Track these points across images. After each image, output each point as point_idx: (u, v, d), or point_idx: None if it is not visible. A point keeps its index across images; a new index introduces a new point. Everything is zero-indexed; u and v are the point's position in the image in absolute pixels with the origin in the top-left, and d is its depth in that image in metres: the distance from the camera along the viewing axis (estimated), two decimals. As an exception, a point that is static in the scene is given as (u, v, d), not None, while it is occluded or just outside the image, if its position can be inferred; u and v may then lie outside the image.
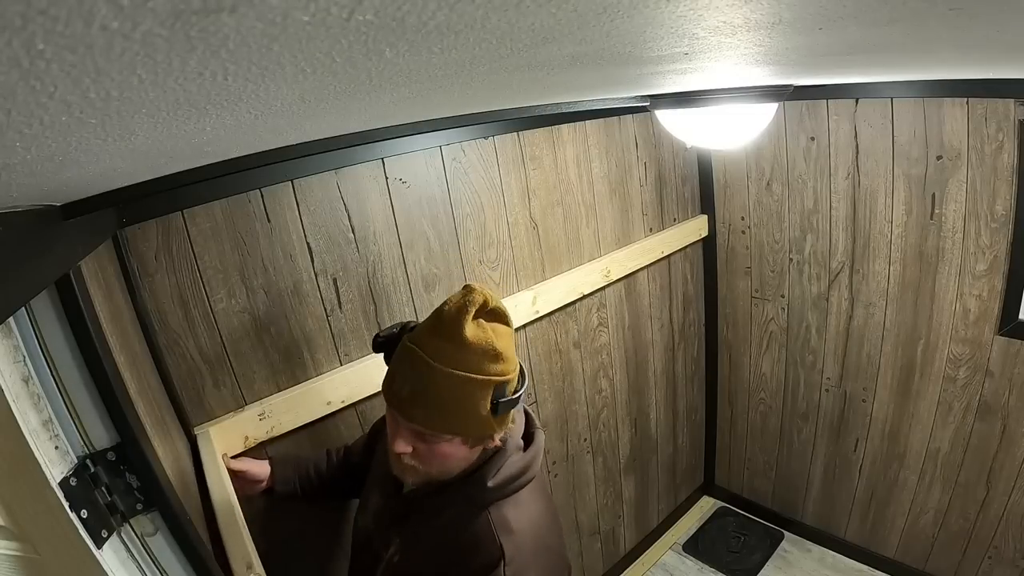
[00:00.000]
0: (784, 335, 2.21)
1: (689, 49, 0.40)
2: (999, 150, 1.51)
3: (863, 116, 1.74)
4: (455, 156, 1.45)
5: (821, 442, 2.23)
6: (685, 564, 2.36)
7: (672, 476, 2.50)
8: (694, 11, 0.26)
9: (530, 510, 0.95)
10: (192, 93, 0.24)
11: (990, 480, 1.79)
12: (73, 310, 0.60)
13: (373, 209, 1.33)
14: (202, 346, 1.14)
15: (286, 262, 1.22)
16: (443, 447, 0.88)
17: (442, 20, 0.21)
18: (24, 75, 0.17)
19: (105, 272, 0.87)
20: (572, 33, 0.28)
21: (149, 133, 0.32)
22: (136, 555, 0.65)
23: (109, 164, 0.42)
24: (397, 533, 0.99)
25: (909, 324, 1.85)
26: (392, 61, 0.27)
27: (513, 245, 1.62)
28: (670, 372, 2.33)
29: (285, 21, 0.17)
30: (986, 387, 1.73)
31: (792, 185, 1.98)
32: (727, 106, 1.01)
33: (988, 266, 1.62)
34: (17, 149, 0.27)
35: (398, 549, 0.98)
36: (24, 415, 0.54)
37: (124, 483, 0.65)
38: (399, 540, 0.99)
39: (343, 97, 0.37)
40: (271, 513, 1.27)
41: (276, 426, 1.24)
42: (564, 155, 1.70)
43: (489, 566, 0.87)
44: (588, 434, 2.04)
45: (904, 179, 1.71)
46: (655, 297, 2.16)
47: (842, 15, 0.30)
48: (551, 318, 1.78)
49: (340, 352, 1.33)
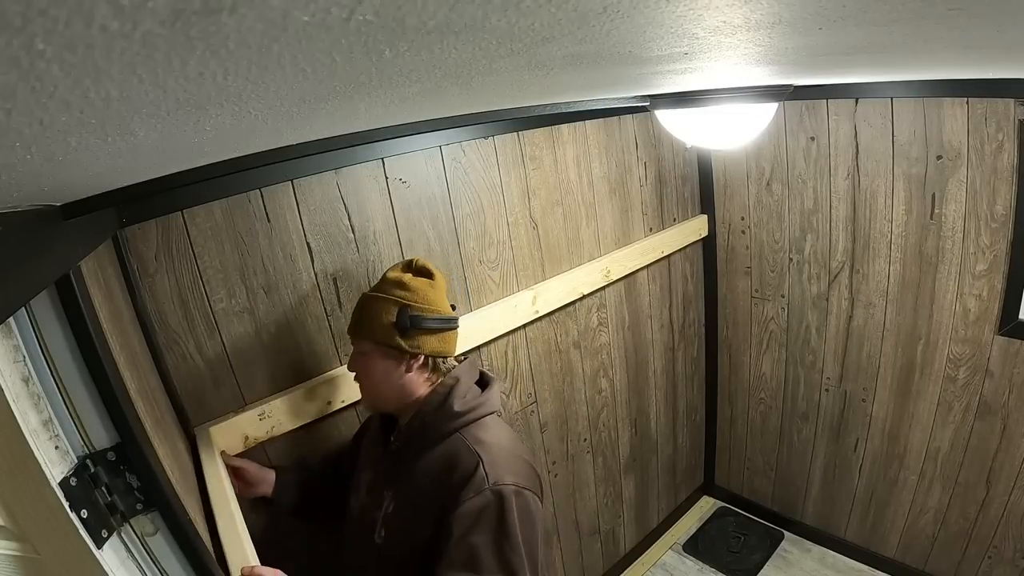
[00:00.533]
0: (784, 335, 2.21)
1: (689, 49, 0.40)
2: (999, 150, 1.51)
3: (863, 116, 1.74)
4: (455, 156, 1.45)
5: (821, 442, 2.23)
6: (685, 564, 2.36)
7: (672, 476, 2.50)
8: (694, 11, 0.26)
9: (498, 432, 1.11)
10: (192, 93, 0.24)
11: (990, 480, 1.79)
12: (73, 310, 0.60)
13: (373, 209, 1.33)
14: (202, 346, 1.14)
15: (286, 262, 1.22)
16: (367, 362, 1.10)
17: (442, 20, 0.21)
18: (24, 75, 0.17)
19: (105, 272, 0.87)
20: (572, 33, 0.28)
21: (149, 133, 0.32)
22: (136, 555, 0.65)
23: (109, 164, 0.42)
24: (388, 487, 1.11)
25: (909, 324, 1.85)
26: (392, 61, 0.27)
27: (513, 245, 1.62)
28: (670, 372, 2.33)
29: (285, 21, 0.17)
30: (986, 387, 1.73)
31: (792, 185, 1.98)
32: (727, 106, 1.01)
33: (988, 266, 1.62)
34: (17, 149, 0.27)
35: (391, 500, 1.10)
36: (24, 415, 0.54)
37: (124, 483, 0.65)
38: (391, 493, 1.10)
39: (343, 97, 0.37)
40: (272, 515, 1.27)
41: (276, 426, 1.24)
42: (564, 155, 1.70)
43: (469, 471, 1.01)
44: (588, 434, 2.04)
45: (904, 179, 1.71)
46: (655, 297, 2.16)
47: (842, 15, 0.30)
48: (551, 318, 1.78)
49: (340, 352, 1.33)
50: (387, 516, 1.09)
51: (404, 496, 1.08)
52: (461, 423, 1.08)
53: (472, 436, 1.07)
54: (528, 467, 1.09)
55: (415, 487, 1.07)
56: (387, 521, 1.09)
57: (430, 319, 1.08)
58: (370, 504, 1.14)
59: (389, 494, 1.11)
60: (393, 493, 1.10)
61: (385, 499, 1.11)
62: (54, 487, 0.54)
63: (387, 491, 1.11)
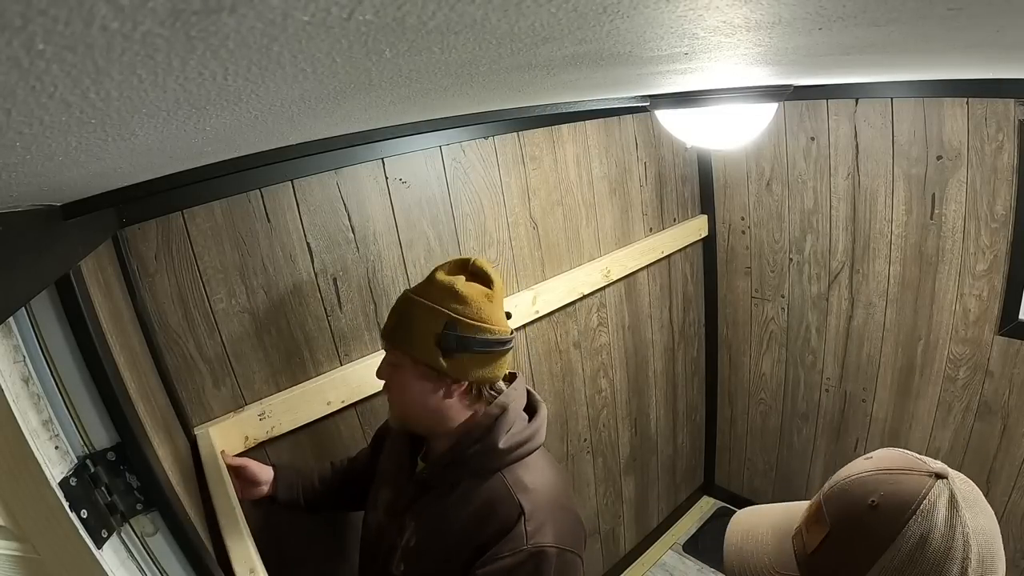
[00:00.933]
0: (784, 335, 2.21)
1: (689, 49, 0.40)
2: (999, 150, 1.51)
3: (863, 116, 1.74)
4: (455, 156, 1.45)
5: (821, 442, 2.23)
6: (685, 564, 2.36)
7: (672, 476, 2.50)
8: (694, 11, 0.26)
9: (543, 473, 0.98)
10: (192, 93, 0.24)
11: (990, 480, 1.79)
12: (73, 310, 0.60)
13: (373, 209, 1.33)
14: (202, 346, 1.14)
15: (286, 262, 1.22)
16: (400, 375, 0.96)
17: (442, 20, 0.21)
18: (24, 75, 0.17)
19: (105, 272, 0.87)
20: (572, 33, 0.28)
21: (149, 133, 0.32)
22: (136, 555, 0.65)
23: (109, 164, 0.42)
24: (412, 517, 1.00)
25: (909, 324, 1.85)
26: (392, 61, 0.27)
27: (513, 245, 1.62)
28: (670, 372, 2.33)
29: (285, 21, 0.17)
30: (986, 387, 1.73)
31: (792, 185, 1.98)
32: (727, 106, 1.01)
33: (988, 266, 1.62)
34: (17, 149, 0.27)
35: (413, 532, 0.99)
36: (24, 415, 0.54)
37: (124, 483, 0.65)
38: (414, 523, 0.99)
39: (343, 97, 0.37)
40: (273, 515, 1.27)
41: (276, 426, 1.24)
42: (564, 155, 1.70)
43: (509, 523, 0.89)
44: (588, 434, 2.04)
45: (904, 179, 1.71)
46: (655, 297, 2.16)
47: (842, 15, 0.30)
48: (551, 318, 1.78)
49: (340, 352, 1.33)
50: (407, 549, 0.99)
51: (429, 532, 0.98)
52: (504, 463, 0.95)
53: (515, 479, 0.94)
54: (574, 519, 0.97)
55: (443, 525, 0.96)
56: (407, 554, 0.98)
57: (481, 340, 0.92)
58: (389, 528, 1.04)
59: (412, 524, 1.00)
60: (416, 525, 0.99)
61: (407, 529, 1.00)
62: (54, 487, 0.54)
63: (409, 520, 1.00)
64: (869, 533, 0.60)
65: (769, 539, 0.72)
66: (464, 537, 0.93)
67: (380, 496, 1.10)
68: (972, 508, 0.58)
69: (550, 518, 0.92)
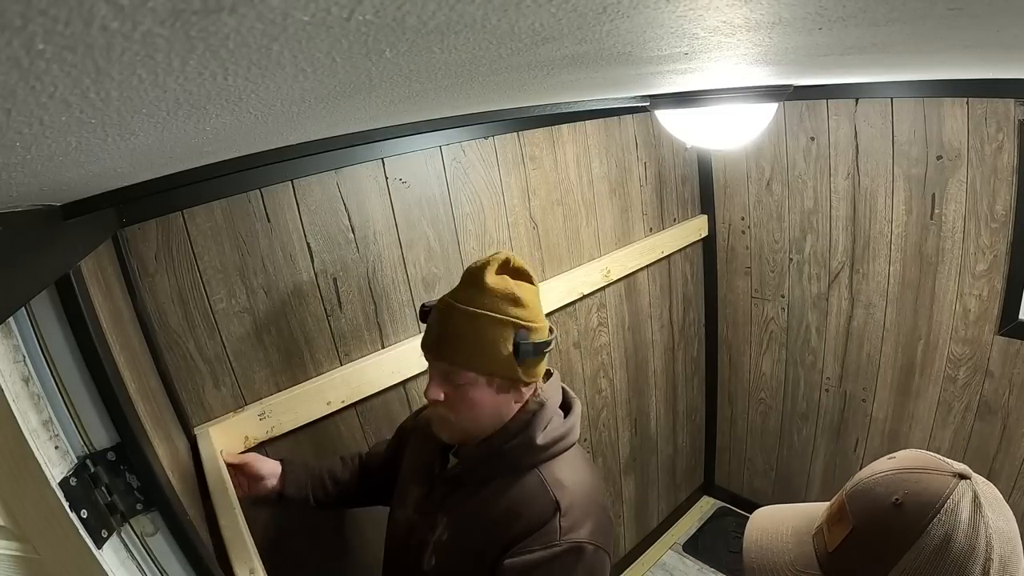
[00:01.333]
0: (784, 335, 2.21)
1: (689, 49, 0.40)
2: (999, 150, 1.51)
3: (863, 116, 1.74)
4: (455, 156, 1.45)
5: (821, 442, 2.23)
6: (685, 564, 2.36)
7: (672, 476, 2.50)
8: (694, 11, 0.26)
9: (579, 470, 0.98)
10: (192, 93, 0.24)
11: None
12: (73, 310, 0.60)
13: (373, 209, 1.33)
14: (202, 346, 1.14)
15: (286, 262, 1.22)
16: (471, 392, 0.92)
17: (442, 20, 0.21)
18: (24, 75, 0.17)
19: (105, 272, 0.87)
20: (572, 33, 0.28)
21: (149, 133, 0.32)
22: (136, 555, 0.65)
23: (109, 164, 0.42)
24: (444, 513, 1.00)
25: (909, 324, 1.85)
26: (392, 61, 0.27)
27: (513, 245, 1.62)
28: (670, 372, 2.33)
29: (285, 21, 0.17)
30: (986, 387, 1.73)
31: (792, 185, 1.98)
32: (727, 106, 1.01)
33: (988, 266, 1.62)
34: (17, 149, 0.27)
35: (445, 528, 0.98)
36: (24, 415, 0.54)
37: (124, 483, 0.65)
38: (446, 519, 0.99)
39: (343, 97, 0.37)
40: (274, 514, 1.27)
41: (276, 426, 1.24)
42: (564, 155, 1.70)
43: (544, 518, 0.89)
44: (588, 434, 2.04)
45: (904, 179, 1.71)
46: (655, 297, 2.16)
47: (842, 15, 0.30)
48: (551, 318, 1.78)
49: (340, 352, 1.33)
50: (439, 543, 0.98)
51: (461, 527, 0.97)
52: (541, 459, 0.95)
53: (551, 475, 0.94)
54: (605, 516, 0.97)
55: (477, 521, 0.96)
56: (438, 549, 0.98)
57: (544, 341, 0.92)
58: (420, 525, 1.03)
59: (444, 520, 0.99)
60: (448, 520, 0.99)
61: (439, 525, 0.99)
62: (54, 487, 0.54)
63: (441, 516, 1.00)
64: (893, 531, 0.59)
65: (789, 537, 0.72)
66: (498, 531, 0.93)
67: (409, 492, 1.09)
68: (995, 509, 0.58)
69: (585, 512, 0.92)
